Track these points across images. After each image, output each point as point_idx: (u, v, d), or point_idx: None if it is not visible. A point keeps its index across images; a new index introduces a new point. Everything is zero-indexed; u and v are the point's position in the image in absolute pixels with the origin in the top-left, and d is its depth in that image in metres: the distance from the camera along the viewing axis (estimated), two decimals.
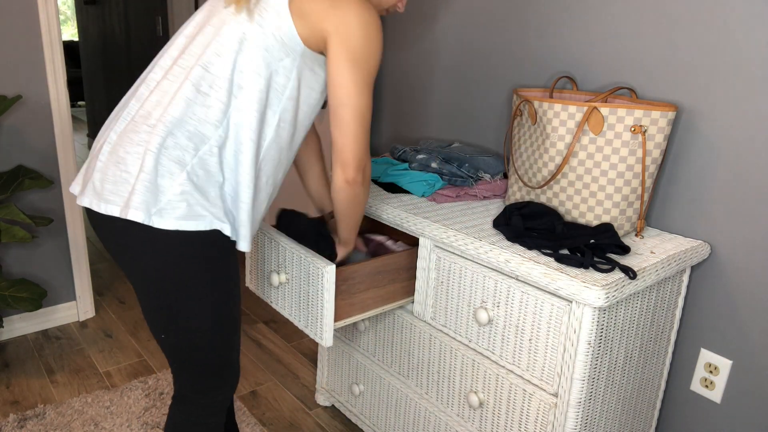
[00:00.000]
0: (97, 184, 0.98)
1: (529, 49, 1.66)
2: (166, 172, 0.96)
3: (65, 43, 7.40)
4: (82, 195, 1.01)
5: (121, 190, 0.97)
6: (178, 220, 0.97)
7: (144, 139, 0.97)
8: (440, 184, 1.56)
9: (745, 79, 1.24)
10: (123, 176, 0.97)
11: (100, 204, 0.98)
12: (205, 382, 1.15)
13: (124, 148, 0.98)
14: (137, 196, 0.95)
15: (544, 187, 1.38)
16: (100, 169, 0.99)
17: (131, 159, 0.97)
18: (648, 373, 1.35)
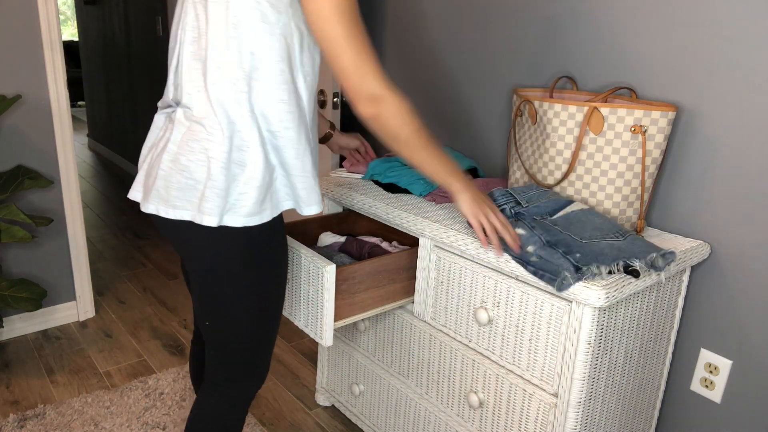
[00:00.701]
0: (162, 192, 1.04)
1: (529, 49, 1.67)
2: (231, 176, 1.01)
3: (65, 43, 7.39)
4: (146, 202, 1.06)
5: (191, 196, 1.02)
6: (245, 218, 1.03)
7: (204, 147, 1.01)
8: None
9: (745, 79, 1.24)
10: (188, 183, 1.02)
11: (168, 210, 1.03)
12: (239, 370, 1.19)
13: (186, 156, 1.02)
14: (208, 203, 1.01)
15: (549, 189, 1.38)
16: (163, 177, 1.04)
17: (195, 167, 1.02)
18: (648, 373, 1.35)
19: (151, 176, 1.06)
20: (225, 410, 1.22)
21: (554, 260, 1.09)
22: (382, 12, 2.15)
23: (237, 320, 1.13)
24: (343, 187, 1.62)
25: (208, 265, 1.08)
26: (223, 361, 1.19)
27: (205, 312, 1.15)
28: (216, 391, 1.21)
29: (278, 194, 1.08)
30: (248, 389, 1.22)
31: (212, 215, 1.01)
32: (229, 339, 1.15)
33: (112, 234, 3.47)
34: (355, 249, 1.55)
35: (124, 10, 4.38)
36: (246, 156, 1.02)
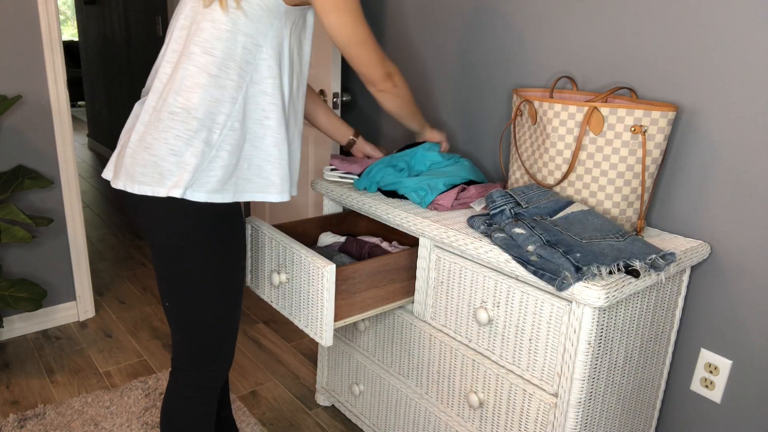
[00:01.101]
0: (129, 168, 1.08)
1: (529, 49, 1.67)
2: (198, 153, 1.07)
3: (65, 43, 7.39)
4: (116, 179, 1.12)
5: (152, 171, 1.07)
6: (208, 194, 1.09)
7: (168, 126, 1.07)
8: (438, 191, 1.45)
9: (745, 79, 1.24)
10: (152, 159, 1.07)
11: (133, 185, 1.09)
12: (200, 355, 1.21)
13: (151, 135, 1.08)
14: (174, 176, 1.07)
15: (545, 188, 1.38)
16: (130, 155, 1.10)
17: (158, 144, 1.07)
18: (648, 373, 1.35)
19: (121, 156, 1.12)
20: (188, 396, 1.24)
21: (554, 260, 1.09)
22: (382, 12, 2.15)
23: (194, 301, 1.16)
24: (343, 187, 1.62)
25: (168, 241, 1.12)
26: (183, 345, 1.21)
27: (164, 292, 1.18)
28: (180, 376, 1.24)
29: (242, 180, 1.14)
30: (210, 376, 1.25)
31: (177, 188, 1.06)
32: (188, 321, 1.18)
33: (112, 234, 3.47)
34: (355, 249, 1.55)
35: (124, 10, 4.38)
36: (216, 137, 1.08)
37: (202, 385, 1.25)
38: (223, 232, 1.14)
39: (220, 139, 1.08)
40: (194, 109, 1.07)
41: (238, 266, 1.20)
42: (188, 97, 1.07)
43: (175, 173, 1.07)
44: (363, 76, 1.27)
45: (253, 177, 1.15)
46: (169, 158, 1.07)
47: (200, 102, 1.07)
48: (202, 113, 1.07)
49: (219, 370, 1.25)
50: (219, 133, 1.08)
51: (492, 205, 1.27)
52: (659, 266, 1.12)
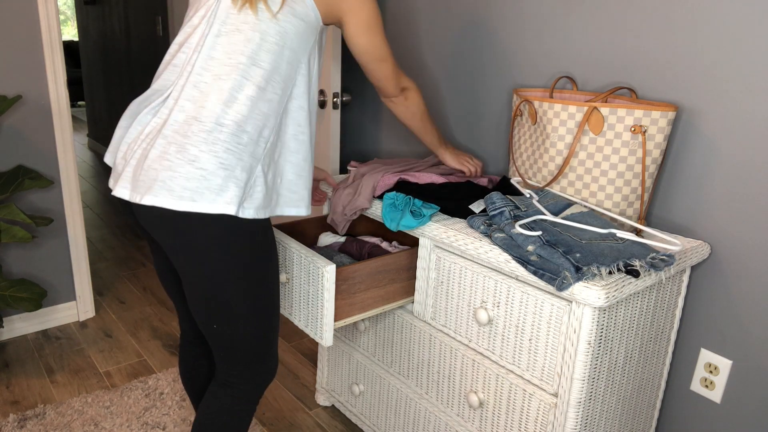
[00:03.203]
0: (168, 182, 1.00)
1: (529, 49, 1.67)
2: (247, 167, 1.05)
3: (65, 43, 7.39)
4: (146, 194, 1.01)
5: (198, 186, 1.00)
6: (256, 210, 1.07)
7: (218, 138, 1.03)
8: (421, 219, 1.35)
9: (745, 79, 1.24)
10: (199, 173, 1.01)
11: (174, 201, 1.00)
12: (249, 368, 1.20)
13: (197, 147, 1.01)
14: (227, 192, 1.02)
15: (545, 188, 1.38)
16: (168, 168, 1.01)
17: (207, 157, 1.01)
18: (648, 373, 1.36)
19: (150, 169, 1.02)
20: (238, 407, 1.24)
21: (554, 260, 1.09)
22: (383, 13, 2.15)
23: (243, 318, 1.13)
24: None
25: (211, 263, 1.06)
26: (232, 361, 1.19)
27: (208, 315, 1.13)
28: (229, 388, 1.22)
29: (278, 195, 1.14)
30: (260, 384, 1.24)
31: (231, 204, 1.02)
32: (237, 338, 1.15)
33: (112, 234, 3.47)
34: (355, 249, 1.55)
35: (124, 10, 4.38)
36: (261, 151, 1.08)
37: (251, 394, 1.24)
38: (265, 247, 1.13)
39: (263, 153, 1.08)
40: (245, 123, 1.04)
41: (277, 278, 1.20)
42: (239, 109, 1.04)
43: (226, 188, 1.02)
44: (378, 89, 1.35)
45: (286, 192, 1.16)
46: (219, 172, 1.01)
47: (250, 115, 1.05)
48: (251, 127, 1.05)
49: (269, 377, 1.25)
50: (263, 148, 1.08)
51: (492, 206, 1.27)
52: (659, 266, 1.12)
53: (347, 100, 2.34)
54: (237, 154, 1.03)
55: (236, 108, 1.03)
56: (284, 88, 1.10)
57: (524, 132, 1.43)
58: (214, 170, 1.01)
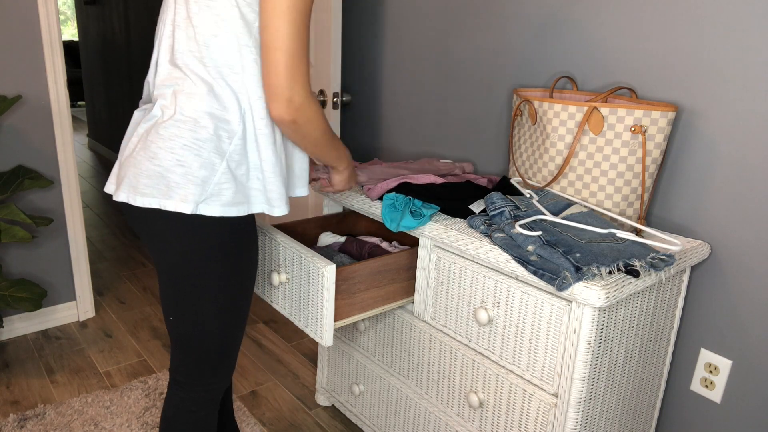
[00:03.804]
0: (132, 179, 1.03)
1: (529, 49, 1.66)
2: (207, 164, 1.01)
3: (65, 43, 7.39)
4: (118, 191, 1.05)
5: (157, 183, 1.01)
6: (224, 207, 1.03)
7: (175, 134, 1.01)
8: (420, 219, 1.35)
9: (745, 79, 1.24)
10: (157, 170, 1.01)
11: (136, 198, 1.02)
12: (205, 369, 1.18)
13: (156, 143, 1.02)
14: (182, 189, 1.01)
15: (545, 188, 1.38)
16: (133, 165, 1.04)
17: (164, 154, 1.01)
18: (648, 373, 1.36)
19: (123, 166, 1.06)
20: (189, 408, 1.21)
21: (554, 260, 1.09)
22: (381, 12, 2.15)
23: (203, 318, 1.12)
24: None
25: (178, 258, 1.07)
26: (186, 359, 1.17)
27: (169, 307, 1.13)
28: (180, 389, 1.20)
29: (251, 192, 1.08)
30: (210, 388, 1.21)
31: (187, 202, 1.00)
32: (194, 337, 1.14)
33: (112, 234, 3.47)
34: (355, 249, 1.55)
35: (124, 10, 4.38)
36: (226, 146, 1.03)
37: (205, 399, 1.21)
38: (237, 246, 1.10)
39: (231, 148, 1.03)
40: (201, 118, 1.02)
41: (250, 280, 1.16)
42: (195, 105, 1.02)
43: (182, 185, 1.01)
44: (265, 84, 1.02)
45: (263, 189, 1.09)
46: (175, 169, 1.01)
47: (207, 110, 1.02)
48: (209, 121, 1.02)
49: (222, 382, 1.22)
50: (229, 142, 1.03)
51: (492, 206, 1.27)
52: (659, 266, 1.12)
53: (347, 100, 2.34)
54: (194, 150, 1.01)
55: (192, 104, 1.02)
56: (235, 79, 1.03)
57: (524, 132, 1.43)
58: (170, 167, 1.01)
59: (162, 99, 1.05)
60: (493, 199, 1.28)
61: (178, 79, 1.04)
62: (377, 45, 2.20)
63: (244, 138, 1.05)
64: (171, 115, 1.03)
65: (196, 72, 1.03)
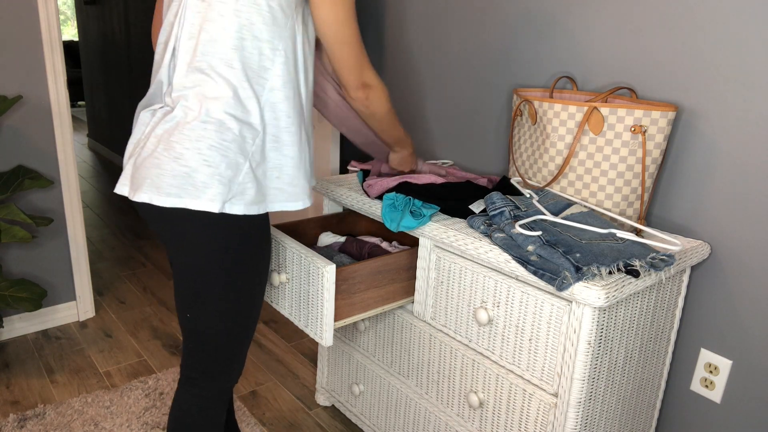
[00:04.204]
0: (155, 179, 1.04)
1: (529, 49, 1.67)
2: (233, 164, 1.04)
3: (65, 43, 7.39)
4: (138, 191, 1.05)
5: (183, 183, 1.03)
6: (247, 206, 1.06)
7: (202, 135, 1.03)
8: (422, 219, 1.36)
9: (745, 80, 1.24)
10: (183, 170, 1.03)
11: (160, 198, 1.03)
12: (218, 366, 1.20)
13: (182, 144, 1.03)
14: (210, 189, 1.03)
15: (545, 188, 1.38)
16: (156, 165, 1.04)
17: (190, 154, 1.02)
18: (648, 373, 1.36)
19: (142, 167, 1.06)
20: (200, 405, 1.23)
21: (554, 260, 1.09)
22: (381, 11, 2.15)
23: (222, 315, 1.14)
24: (343, 187, 1.62)
25: (202, 256, 1.08)
26: (199, 356, 1.19)
27: (188, 305, 1.15)
28: (192, 386, 1.22)
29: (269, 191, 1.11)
30: (223, 385, 1.23)
31: (215, 201, 1.02)
32: (208, 334, 1.16)
33: (112, 234, 3.47)
34: (355, 249, 1.55)
35: (124, 10, 4.38)
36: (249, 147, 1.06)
37: (217, 395, 1.23)
38: (256, 245, 1.12)
39: (252, 149, 1.06)
40: (228, 119, 1.04)
41: (264, 279, 1.18)
42: (220, 106, 1.04)
43: (210, 185, 1.02)
44: (338, 79, 1.21)
45: (285, 186, 1.13)
46: (203, 169, 1.02)
47: (232, 112, 1.04)
48: (235, 123, 1.04)
49: (232, 380, 1.24)
50: (251, 143, 1.06)
51: (492, 206, 1.27)
52: (659, 266, 1.12)
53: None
54: (221, 150, 1.03)
55: (217, 105, 1.03)
56: (261, 82, 1.07)
57: (524, 132, 1.44)
58: (197, 167, 1.02)
59: (184, 100, 1.06)
60: (493, 199, 1.28)
61: (202, 80, 1.05)
62: (376, 45, 2.20)
63: (264, 139, 1.08)
64: (195, 117, 1.04)
65: (221, 74, 1.04)
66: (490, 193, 1.30)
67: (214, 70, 1.04)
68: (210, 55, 1.04)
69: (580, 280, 1.06)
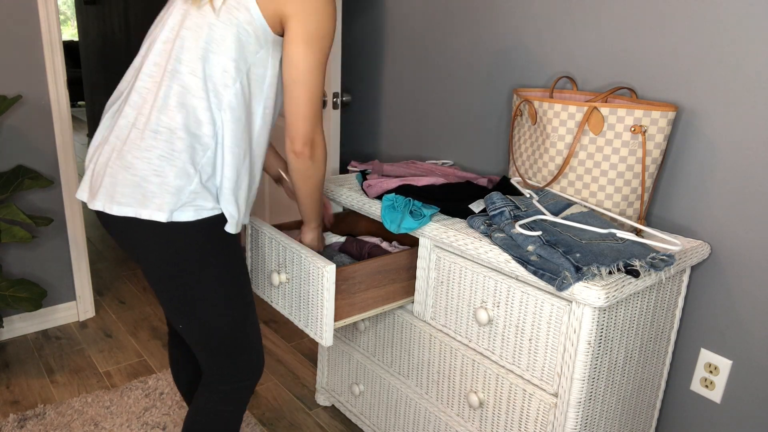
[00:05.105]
0: (109, 188, 1.05)
1: (529, 49, 1.67)
2: (182, 174, 1.03)
3: (65, 43, 7.39)
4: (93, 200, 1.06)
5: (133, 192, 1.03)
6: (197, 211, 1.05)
7: (152, 145, 1.03)
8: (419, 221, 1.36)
9: (745, 80, 1.24)
10: (133, 180, 1.03)
11: (113, 207, 1.04)
12: (228, 368, 1.20)
13: (132, 153, 1.04)
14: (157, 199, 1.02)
15: (545, 188, 1.38)
16: (109, 174, 1.05)
17: (140, 164, 1.03)
18: (648, 373, 1.36)
19: (98, 175, 1.08)
20: (223, 410, 1.23)
21: (554, 260, 1.09)
22: (382, 11, 2.15)
23: (205, 319, 1.13)
24: (343, 187, 1.62)
25: (161, 265, 1.08)
26: (210, 360, 1.19)
27: (174, 314, 1.15)
28: (211, 390, 1.22)
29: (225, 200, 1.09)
30: (244, 383, 1.23)
31: (162, 211, 1.03)
32: (207, 336, 1.16)
33: None
34: (355, 249, 1.55)
35: (124, 10, 4.38)
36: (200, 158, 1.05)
37: (234, 398, 1.23)
38: (217, 244, 1.11)
39: (203, 161, 1.05)
40: (178, 129, 1.03)
41: (240, 274, 1.17)
42: (172, 116, 1.03)
43: (158, 195, 1.03)
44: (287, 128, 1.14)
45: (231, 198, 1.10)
46: (152, 179, 1.03)
47: (184, 122, 1.03)
48: (186, 134, 1.03)
49: (253, 376, 1.24)
50: (203, 155, 1.05)
51: (492, 206, 1.27)
52: (659, 266, 1.12)
53: (347, 100, 2.34)
54: (170, 161, 1.03)
55: (169, 115, 1.03)
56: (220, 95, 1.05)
57: (524, 132, 1.44)
58: (146, 176, 1.03)
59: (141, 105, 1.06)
60: (493, 199, 1.28)
61: (162, 87, 1.05)
62: (377, 45, 2.20)
63: (215, 152, 1.07)
64: (146, 124, 1.04)
65: (183, 84, 1.04)
66: (490, 193, 1.30)
67: (177, 77, 1.04)
68: (177, 61, 1.05)
69: (580, 280, 1.06)
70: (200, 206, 1.05)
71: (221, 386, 1.21)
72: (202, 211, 1.06)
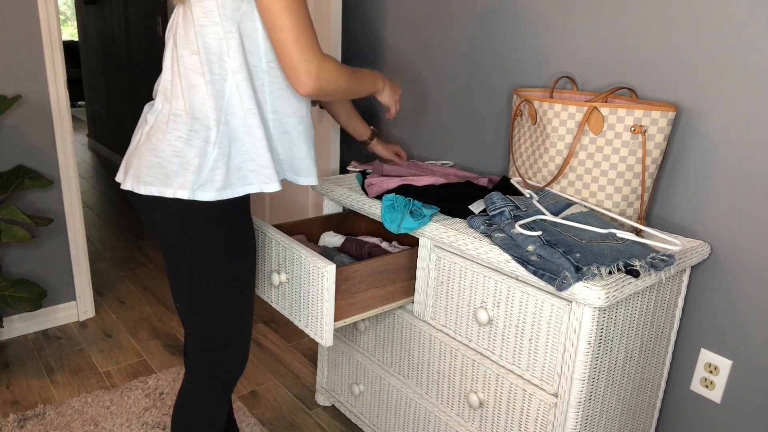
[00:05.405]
0: (136, 169, 1.12)
1: (529, 49, 1.67)
2: (201, 152, 1.08)
3: (65, 43, 7.39)
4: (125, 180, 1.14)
5: (157, 172, 1.09)
6: (218, 192, 1.09)
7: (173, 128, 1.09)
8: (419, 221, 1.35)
9: (745, 79, 1.24)
10: (157, 161, 1.09)
11: (140, 186, 1.10)
12: (213, 355, 1.22)
13: (156, 137, 1.10)
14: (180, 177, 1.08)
15: (545, 188, 1.38)
16: (137, 156, 1.12)
17: (162, 146, 1.09)
18: (648, 373, 1.36)
19: (130, 157, 1.15)
20: (202, 396, 1.25)
21: (554, 260, 1.09)
22: (381, 12, 2.15)
23: (204, 301, 1.17)
24: (343, 187, 1.62)
25: (177, 242, 1.13)
26: (197, 345, 1.22)
27: (175, 293, 1.19)
28: (194, 376, 1.25)
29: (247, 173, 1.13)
30: (225, 375, 1.25)
31: (184, 189, 1.08)
32: (201, 321, 1.19)
33: (112, 234, 3.47)
34: (355, 249, 1.55)
35: (124, 10, 4.38)
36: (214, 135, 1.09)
37: (214, 386, 1.25)
38: (233, 230, 1.15)
39: (218, 136, 1.09)
40: (192, 110, 1.08)
41: (248, 265, 1.20)
42: (186, 98, 1.09)
43: (179, 174, 1.08)
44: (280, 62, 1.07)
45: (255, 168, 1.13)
46: (173, 159, 1.08)
47: (196, 101, 1.08)
48: (199, 112, 1.08)
49: (231, 371, 1.26)
50: (216, 130, 1.09)
51: (492, 206, 1.27)
52: (659, 266, 1.12)
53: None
54: (188, 141, 1.08)
55: (184, 97, 1.09)
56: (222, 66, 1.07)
57: (524, 132, 1.44)
58: (168, 157, 1.08)
59: (162, 94, 1.14)
60: (493, 199, 1.28)
61: (175, 74, 1.11)
62: (377, 45, 2.20)
63: (228, 124, 1.10)
64: (169, 110, 1.11)
65: (187, 66, 1.09)
66: (490, 193, 1.30)
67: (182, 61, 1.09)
68: (180, 46, 1.10)
69: (580, 280, 1.06)
70: (220, 186, 1.09)
71: (204, 373, 1.24)
72: (223, 192, 1.10)
